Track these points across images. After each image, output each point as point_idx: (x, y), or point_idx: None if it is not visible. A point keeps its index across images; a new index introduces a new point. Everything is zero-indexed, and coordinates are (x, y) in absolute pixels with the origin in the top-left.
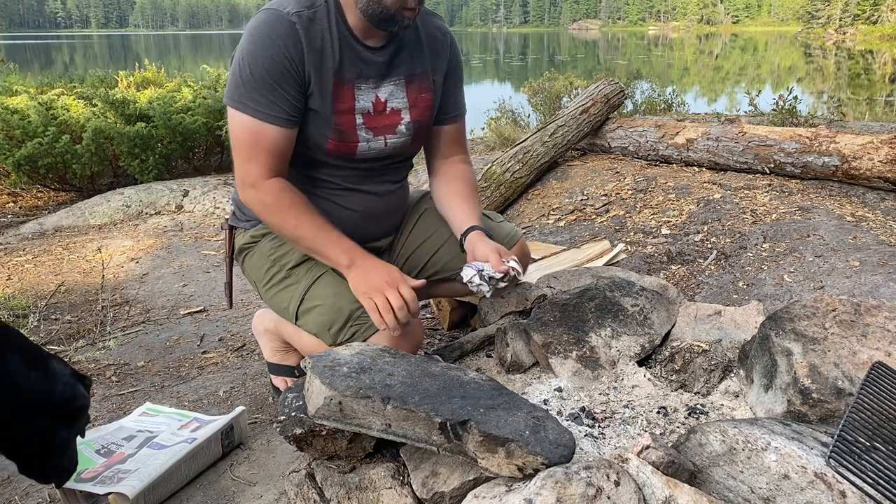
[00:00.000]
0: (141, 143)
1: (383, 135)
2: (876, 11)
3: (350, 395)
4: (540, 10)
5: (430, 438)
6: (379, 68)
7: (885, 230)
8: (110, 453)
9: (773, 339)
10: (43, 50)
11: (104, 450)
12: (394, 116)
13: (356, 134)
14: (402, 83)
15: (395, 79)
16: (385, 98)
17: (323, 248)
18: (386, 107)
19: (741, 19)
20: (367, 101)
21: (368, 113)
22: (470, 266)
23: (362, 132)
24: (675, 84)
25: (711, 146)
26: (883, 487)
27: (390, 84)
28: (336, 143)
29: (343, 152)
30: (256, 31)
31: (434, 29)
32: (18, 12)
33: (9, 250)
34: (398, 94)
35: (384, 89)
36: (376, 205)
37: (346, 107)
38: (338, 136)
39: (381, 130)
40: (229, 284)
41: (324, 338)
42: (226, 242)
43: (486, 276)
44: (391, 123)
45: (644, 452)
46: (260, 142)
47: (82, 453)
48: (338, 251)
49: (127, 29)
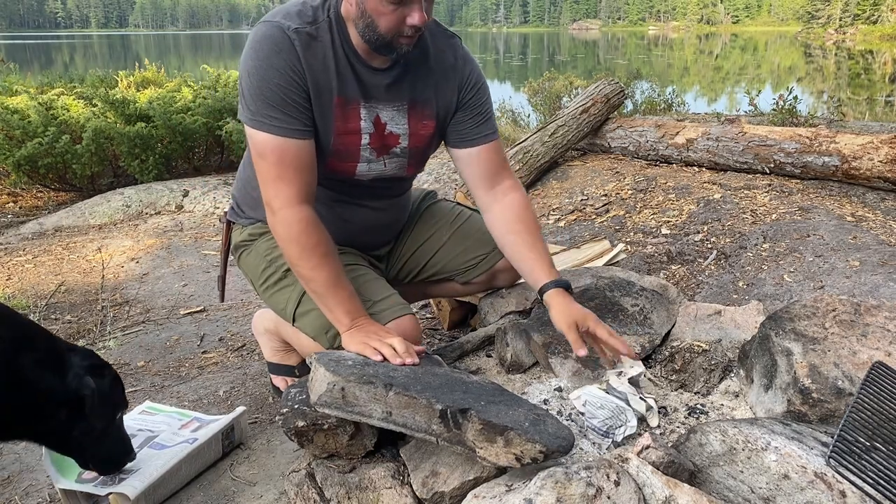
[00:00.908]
0: (141, 143)
1: (383, 156)
2: (876, 11)
3: (353, 381)
4: (540, 10)
5: (430, 428)
6: (381, 90)
7: (885, 230)
8: None
9: (773, 339)
10: (43, 50)
11: None
12: (392, 139)
13: (358, 154)
14: (405, 108)
15: (397, 103)
16: (385, 121)
17: (330, 302)
18: (385, 128)
19: (741, 19)
20: (370, 120)
21: (371, 134)
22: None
23: (366, 153)
24: (675, 84)
25: (711, 146)
26: (883, 487)
27: (391, 109)
28: (335, 163)
29: (340, 171)
30: (259, 45)
31: (447, 54)
32: (18, 12)
33: (9, 250)
34: (399, 120)
35: (385, 112)
36: (376, 218)
37: (353, 127)
38: (337, 157)
39: (382, 151)
40: (222, 278)
41: (321, 341)
42: (222, 236)
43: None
44: (389, 145)
45: (644, 452)
46: (285, 158)
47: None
48: (341, 311)
49: (127, 29)
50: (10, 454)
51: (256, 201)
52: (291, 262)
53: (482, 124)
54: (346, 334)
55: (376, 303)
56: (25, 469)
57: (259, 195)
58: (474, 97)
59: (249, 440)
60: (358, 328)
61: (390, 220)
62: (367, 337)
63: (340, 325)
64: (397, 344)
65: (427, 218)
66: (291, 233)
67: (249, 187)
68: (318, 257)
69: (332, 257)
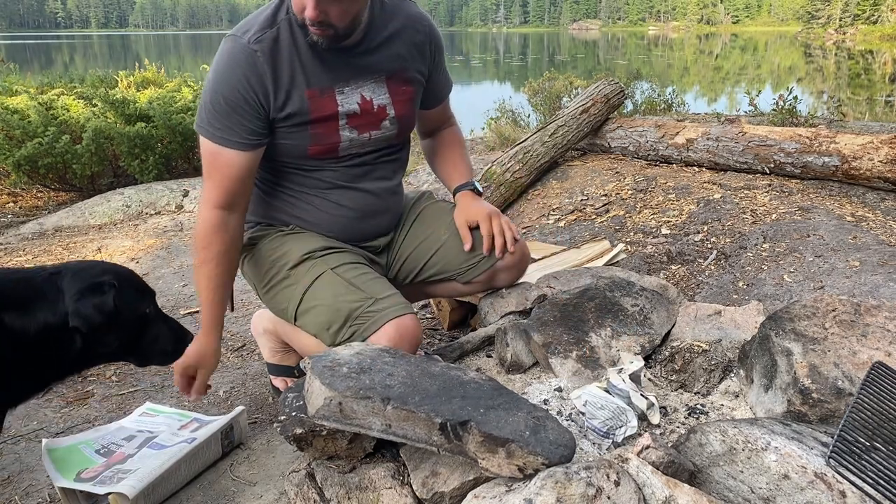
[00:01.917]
0: (141, 143)
1: (368, 131)
2: (876, 11)
3: (350, 396)
4: (540, 10)
5: (431, 439)
6: (354, 70)
7: (885, 230)
8: (110, 453)
9: (773, 339)
10: (43, 50)
11: (104, 450)
12: (380, 112)
13: (338, 135)
14: (383, 79)
15: (373, 76)
16: (370, 97)
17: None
18: (373, 104)
19: (741, 19)
20: (353, 102)
21: (355, 114)
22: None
23: (345, 132)
24: (675, 84)
25: (711, 146)
26: (883, 487)
27: (370, 82)
28: (317, 148)
29: (325, 154)
30: (219, 60)
31: (407, 19)
32: (18, 12)
33: (9, 250)
34: (380, 91)
35: (367, 88)
36: (371, 203)
37: (329, 113)
38: (316, 141)
39: (366, 127)
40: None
41: (323, 338)
42: None
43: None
44: (376, 120)
45: (644, 452)
46: (216, 163)
47: (82, 452)
48: (206, 316)
49: (127, 29)
50: (10, 454)
51: (254, 203)
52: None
53: (446, 77)
54: (195, 340)
55: (378, 300)
56: (25, 469)
57: (255, 196)
58: (438, 50)
59: (249, 440)
60: (201, 341)
61: (386, 206)
62: (187, 358)
63: (202, 325)
64: (198, 378)
65: (425, 217)
66: (198, 228)
67: None
68: (206, 255)
69: (218, 264)
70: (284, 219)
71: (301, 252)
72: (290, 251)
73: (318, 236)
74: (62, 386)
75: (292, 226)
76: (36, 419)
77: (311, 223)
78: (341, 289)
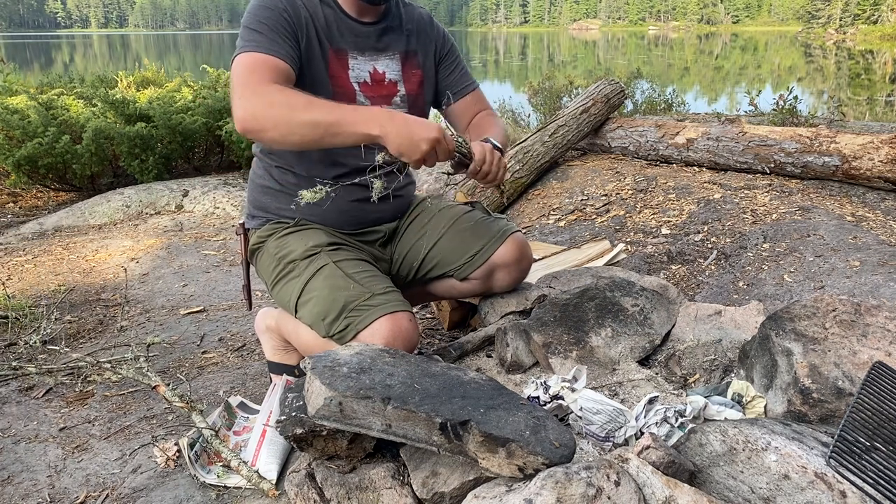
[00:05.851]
0: (141, 143)
1: (380, 103)
2: (876, 11)
3: (350, 396)
4: (540, 10)
5: (431, 439)
6: (373, 43)
7: (886, 230)
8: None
9: (774, 339)
10: (43, 50)
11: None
12: (391, 87)
13: (355, 100)
14: (398, 58)
15: (390, 53)
16: (383, 70)
17: (344, 119)
18: (385, 77)
19: (741, 19)
20: (364, 71)
21: (365, 82)
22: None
23: (360, 99)
24: (675, 84)
25: (711, 146)
26: (883, 487)
27: (386, 58)
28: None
29: None
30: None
31: (417, 16)
32: (18, 12)
33: (9, 250)
34: (394, 68)
35: (381, 62)
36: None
37: (342, 74)
38: (337, 100)
39: (378, 100)
40: (247, 287)
41: (318, 329)
42: (241, 245)
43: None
44: (388, 94)
45: (644, 452)
46: (260, 64)
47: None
48: (344, 108)
49: (127, 29)
50: (10, 454)
51: (263, 198)
52: (288, 129)
53: (465, 74)
54: (389, 140)
55: (375, 295)
56: (25, 469)
57: (264, 190)
58: (450, 51)
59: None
60: (398, 126)
61: (394, 189)
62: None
63: (371, 136)
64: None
65: (425, 213)
66: (273, 100)
67: (255, 184)
68: (306, 101)
69: (318, 98)
70: (291, 210)
71: (306, 246)
72: (296, 247)
73: (323, 232)
74: (62, 386)
75: (298, 218)
76: (36, 419)
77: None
78: (340, 281)
